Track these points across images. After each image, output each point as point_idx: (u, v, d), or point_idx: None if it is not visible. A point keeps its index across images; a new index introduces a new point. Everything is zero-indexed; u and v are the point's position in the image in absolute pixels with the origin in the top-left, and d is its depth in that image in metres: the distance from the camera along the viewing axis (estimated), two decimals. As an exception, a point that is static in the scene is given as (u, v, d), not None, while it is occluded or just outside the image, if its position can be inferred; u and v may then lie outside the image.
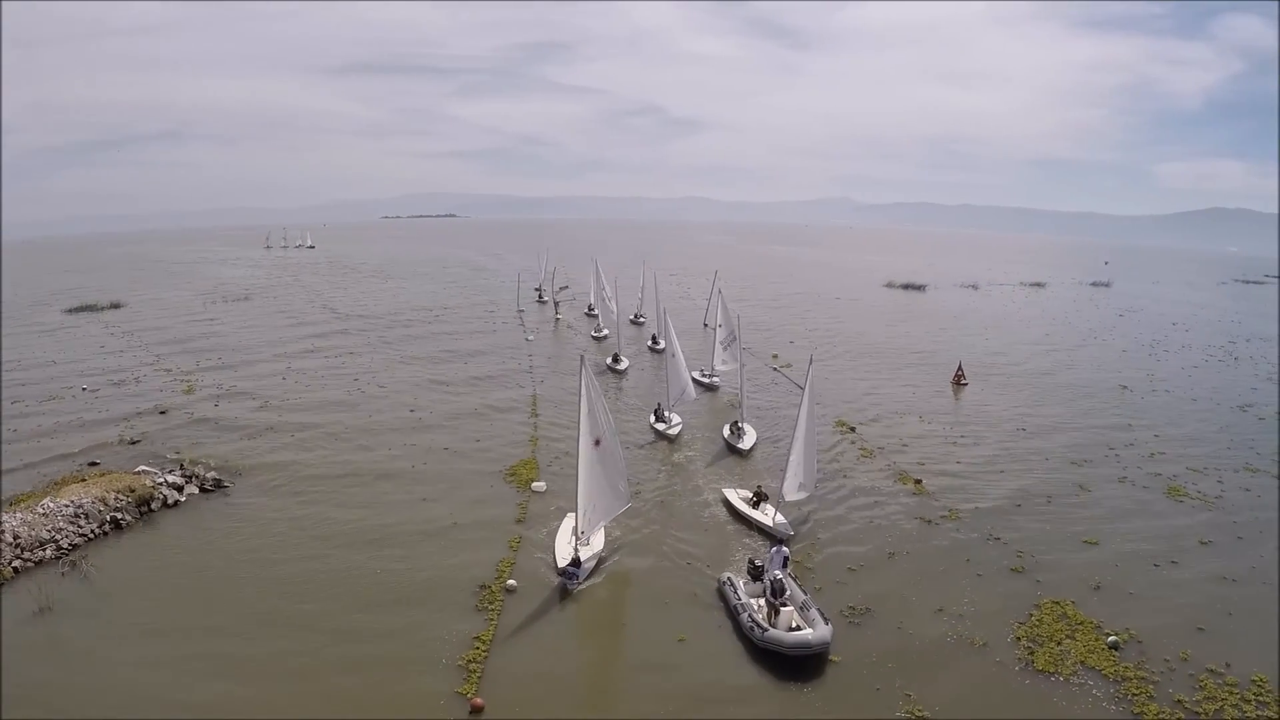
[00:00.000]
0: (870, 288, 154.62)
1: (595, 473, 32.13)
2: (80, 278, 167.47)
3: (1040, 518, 38.12)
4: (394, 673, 25.00)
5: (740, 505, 37.95)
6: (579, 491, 31.63)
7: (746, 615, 27.09)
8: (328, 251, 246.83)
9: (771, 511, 35.99)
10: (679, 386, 51.49)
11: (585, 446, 31.64)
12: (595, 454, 32.02)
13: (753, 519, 36.57)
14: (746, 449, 47.28)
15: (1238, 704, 23.69)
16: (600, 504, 32.71)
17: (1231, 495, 41.64)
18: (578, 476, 31.77)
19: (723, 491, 39.96)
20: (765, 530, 35.36)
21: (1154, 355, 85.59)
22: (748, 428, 49.39)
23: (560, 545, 33.17)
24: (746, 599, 28.26)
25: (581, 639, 28.70)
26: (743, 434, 48.65)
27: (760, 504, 37.30)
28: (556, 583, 30.60)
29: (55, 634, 27.31)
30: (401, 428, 51.57)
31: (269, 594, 30.09)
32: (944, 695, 24.07)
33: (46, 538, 33.10)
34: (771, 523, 35.37)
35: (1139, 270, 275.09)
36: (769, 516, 35.89)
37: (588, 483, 31.80)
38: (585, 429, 31.59)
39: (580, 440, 31.75)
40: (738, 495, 38.93)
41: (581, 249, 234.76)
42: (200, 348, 79.14)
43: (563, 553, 32.33)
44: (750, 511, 37.12)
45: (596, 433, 32.08)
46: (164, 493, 38.58)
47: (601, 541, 33.75)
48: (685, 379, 52.25)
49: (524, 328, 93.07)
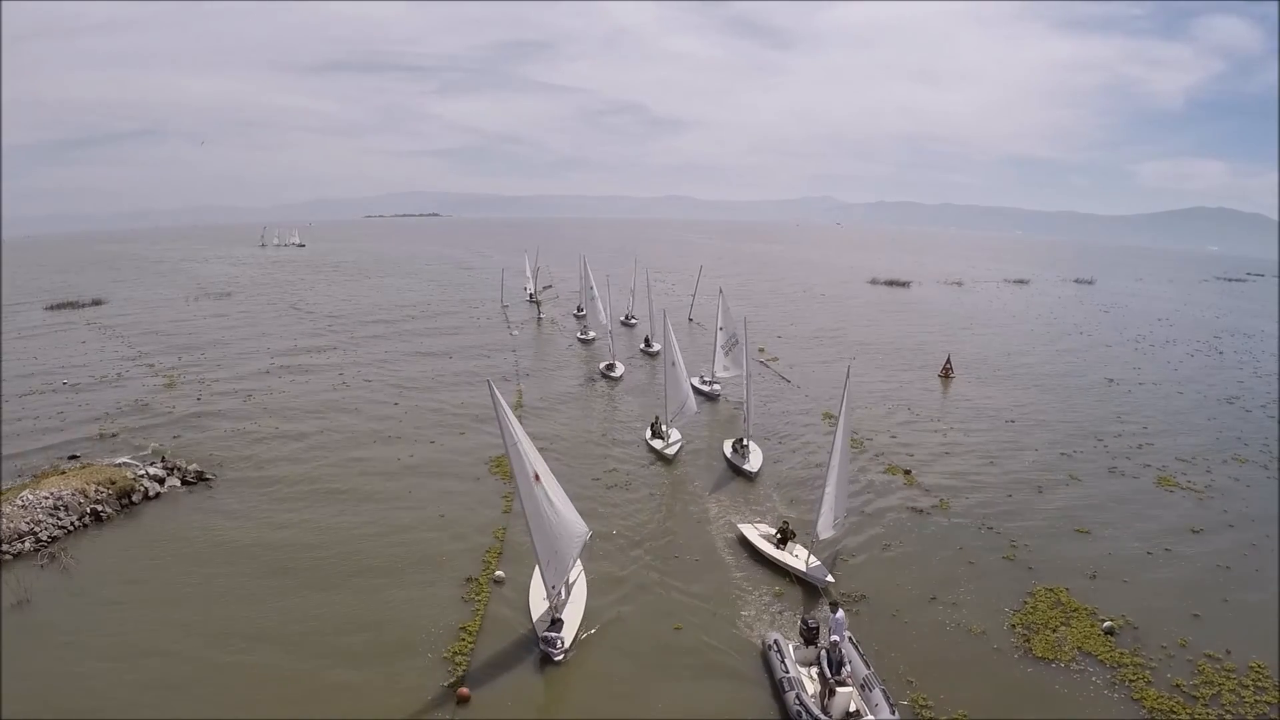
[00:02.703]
0: (855, 284, 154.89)
1: (544, 514, 25.60)
2: (62, 277, 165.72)
3: (1031, 507, 38.04)
4: (380, 665, 24.51)
5: (763, 545, 32.35)
6: (535, 544, 25.33)
7: (794, 695, 22.28)
8: (317, 250, 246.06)
9: (803, 554, 30.94)
10: (679, 399, 45.58)
11: (524, 487, 24.89)
12: (539, 491, 25.49)
13: (781, 562, 31.08)
14: (753, 471, 41.87)
15: (1235, 689, 23.62)
16: (562, 548, 26.67)
17: (1221, 484, 41.73)
18: (528, 526, 25.14)
19: (739, 528, 34.23)
20: (797, 576, 30.20)
21: (1139, 350, 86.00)
22: (753, 446, 43.99)
23: (535, 602, 27.41)
24: (796, 671, 23.48)
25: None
26: (748, 453, 43.18)
27: (786, 543, 32.08)
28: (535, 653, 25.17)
29: (33, 626, 26.64)
30: (386, 421, 50.99)
31: (252, 585, 29.52)
32: (946, 682, 23.84)
33: (25, 530, 32.41)
34: (805, 567, 30.17)
35: (1121, 268, 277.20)
36: (800, 559, 30.75)
37: (542, 530, 25.48)
38: (517, 467, 24.50)
39: (516, 481, 24.84)
40: (758, 532, 33.44)
41: (565, 246, 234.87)
42: (183, 344, 78.22)
43: (539, 613, 26.72)
44: (776, 553, 31.59)
45: (532, 466, 25.26)
46: (145, 485, 37.95)
47: (584, 591, 28.23)
48: (686, 390, 46.07)
49: (509, 323, 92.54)
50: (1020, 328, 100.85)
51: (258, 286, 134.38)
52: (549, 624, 25.52)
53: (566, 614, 26.38)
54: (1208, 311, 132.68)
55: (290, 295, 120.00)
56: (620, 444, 47.27)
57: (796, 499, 38.36)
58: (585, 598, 27.89)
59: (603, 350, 72.81)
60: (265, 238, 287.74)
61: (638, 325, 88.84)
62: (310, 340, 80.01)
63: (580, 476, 40.48)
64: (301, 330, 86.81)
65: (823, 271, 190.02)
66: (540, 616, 26.48)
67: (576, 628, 26.09)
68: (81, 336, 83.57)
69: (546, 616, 26.08)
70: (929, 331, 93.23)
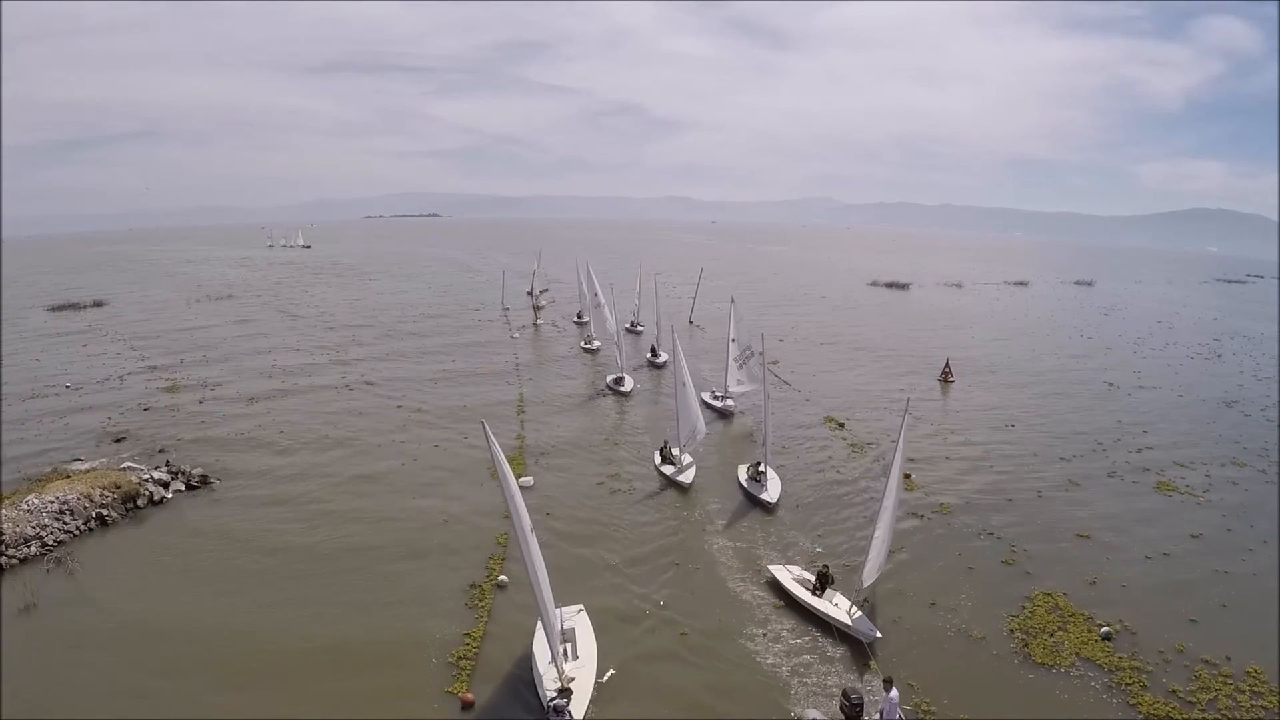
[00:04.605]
0: (855, 286, 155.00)
1: (544, 568, 22.96)
2: (63, 278, 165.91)
3: (1030, 512, 38.23)
4: (385, 669, 24.75)
5: (800, 593, 28.91)
6: (540, 603, 22.46)
7: None
8: (322, 252, 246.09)
9: (845, 604, 27.78)
10: (689, 424, 42.12)
11: (526, 539, 21.97)
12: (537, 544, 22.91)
13: (820, 612, 27.73)
14: (772, 502, 38.36)
15: (1232, 694, 23.84)
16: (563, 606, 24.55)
17: (1220, 489, 41.93)
18: (531, 582, 22.24)
19: (771, 570, 30.95)
20: (839, 629, 27.01)
21: (1139, 353, 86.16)
22: (771, 473, 40.47)
23: (540, 664, 24.01)
24: None
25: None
26: (766, 481, 39.64)
27: (825, 589, 28.71)
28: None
29: (41, 631, 26.89)
30: (390, 425, 51.18)
31: (257, 591, 29.74)
32: (947, 688, 24.07)
33: (31, 534, 32.66)
34: (849, 620, 26.89)
35: (1121, 269, 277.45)
36: (843, 610, 27.47)
37: (546, 587, 22.84)
38: (516, 521, 21.71)
39: (518, 535, 21.81)
40: (792, 576, 30.10)
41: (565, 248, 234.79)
42: (186, 347, 78.48)
43: (547, 677, 23.27)
44: (815, 602, 28.21)
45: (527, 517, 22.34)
46: (150, 489, 38.18)
47: (594, 650, 24.89)
48: (696, 414, 42.83)
49: (509, 326, 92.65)
50: (1020, 331, 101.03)
51: (268, 288, 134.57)
52: (558, 690, 22.36)
53: (577, 679, 23.18)
54: (1207, 313, 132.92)
55: (297, 298, 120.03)
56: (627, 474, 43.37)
57: (821, 530, 35.89)
58: (596, 656, 24.64)
59: (608, 360, 69.38)
60: (272, 239, 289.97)
61: (643, 332, 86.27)
62: (314, 343, 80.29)
63: (589, 504, 38.64)
64: (304, 333, 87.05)
65: (823, 273, 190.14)
66: (547, 679, 23.15)
67: (588, 699, 22.81)
68: (83, 339, 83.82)
69: (554, 682, 22.83)
70: (929, 334, 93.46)
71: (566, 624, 25.06)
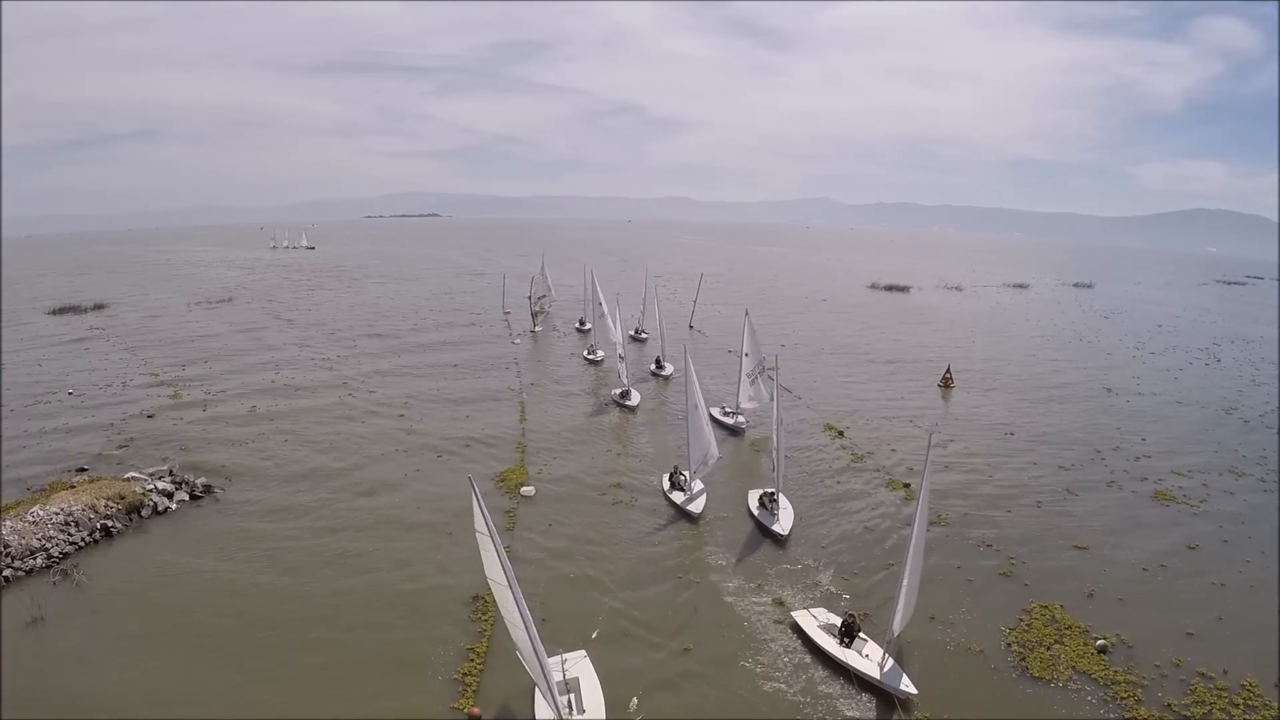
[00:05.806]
0: (855, 289, 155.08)
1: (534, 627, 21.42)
2: (63, 279, 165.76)
3: (1029, 523, 38.49)
4: (389, 685, 24.98)
5: (826, 644, 27.13)
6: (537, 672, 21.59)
7: None
8: (325, 253, 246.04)
9: (877, 653, 26.24)
10: (701, 449, 39.81)
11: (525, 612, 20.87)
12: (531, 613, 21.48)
13: (848, 665, 25.90)
14: (784, 533, 36.17)
15: (1226, 708, 24.09)
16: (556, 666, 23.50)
17: (1217, 500, 42.19)
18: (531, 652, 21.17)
19: (794, 617, 29.12)
20: (869, 683, 25.33)
21: (1138, 358, 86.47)
22: (784, 500, 38.34)
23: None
24: None
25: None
26: (778, 511, 37.51)
27: (853, 638, 27.23)
28: None
29: (50, 644, 27.10)
30: (392, 432, 51.41)
31: (261, 603, 29.97)
32: (946, 703, 24.35)
33: (37, 546, 32.86)
34: (879, 674, 25.18)
35: (1120, 271, 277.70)
36: (872, 661, 25.88)
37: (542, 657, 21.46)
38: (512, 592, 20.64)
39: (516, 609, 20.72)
40: (817, 623, 28.34)
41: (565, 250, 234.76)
42: (190, 353, 78.67)
43: None
44: (842, 654, 26.43)
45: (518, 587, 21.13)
46: (154, 499, 38.39)
47: (600, 700, 23.29)
48: (709, 438, 40.50)
49: (510, 330, 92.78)
50: (1020, 335, 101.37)
51: (273, 290, 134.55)
52: None
53: None
54: (1207, 316, 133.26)
55: (300, 302, 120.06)
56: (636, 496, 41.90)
57: (839, 566, 33.96)
58: (604, 707, 23.10)
59: (612, 372, 67.09)
60: (275, 240, 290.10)
61: (648, 339, 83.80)
62: (316, 350, 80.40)
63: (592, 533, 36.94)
64: (306, 338, 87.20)
65: (823, 275, 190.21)
66: None
67: None
68: (85, 344, 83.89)
69: None
70: (929, 339, 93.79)
71: (570, 672, 23.85)
